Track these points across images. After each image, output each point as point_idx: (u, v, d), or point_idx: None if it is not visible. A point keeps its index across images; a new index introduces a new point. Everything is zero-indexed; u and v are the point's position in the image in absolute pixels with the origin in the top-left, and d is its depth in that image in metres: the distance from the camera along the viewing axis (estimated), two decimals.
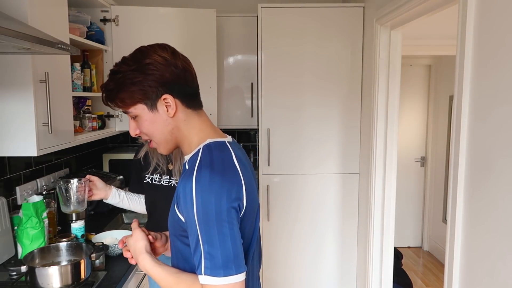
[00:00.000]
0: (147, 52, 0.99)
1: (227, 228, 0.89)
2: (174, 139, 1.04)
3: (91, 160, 2.78)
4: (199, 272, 0.89)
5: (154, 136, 1.04)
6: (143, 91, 0.97)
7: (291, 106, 2.63)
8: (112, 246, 1.84)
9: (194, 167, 0.94)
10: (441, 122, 4.28)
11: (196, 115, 1.05)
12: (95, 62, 2.35)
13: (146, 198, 1.80)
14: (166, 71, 0.97)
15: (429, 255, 4.46)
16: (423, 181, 4.57)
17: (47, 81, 1.53)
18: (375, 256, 2.46)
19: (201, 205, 0.88)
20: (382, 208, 2.40)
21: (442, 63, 4.26)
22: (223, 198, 0.89)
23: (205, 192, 0.89)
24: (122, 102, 1.00)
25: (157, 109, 0.99)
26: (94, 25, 2.27)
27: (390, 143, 2.34)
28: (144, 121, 1.01)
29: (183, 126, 1.03)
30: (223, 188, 0.91)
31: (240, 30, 2.79)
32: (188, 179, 0.91)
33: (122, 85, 0.98)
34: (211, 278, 0.87)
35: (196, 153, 1.00)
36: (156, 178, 1.72)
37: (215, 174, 0.91)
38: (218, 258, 0.87)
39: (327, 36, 2.59)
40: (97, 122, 2.27)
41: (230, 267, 0.88)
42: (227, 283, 0.87)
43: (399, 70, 2.31)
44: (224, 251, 0.88)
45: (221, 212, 0.89)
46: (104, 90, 1.01)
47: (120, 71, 0.98)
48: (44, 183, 2.12)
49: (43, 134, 1.56)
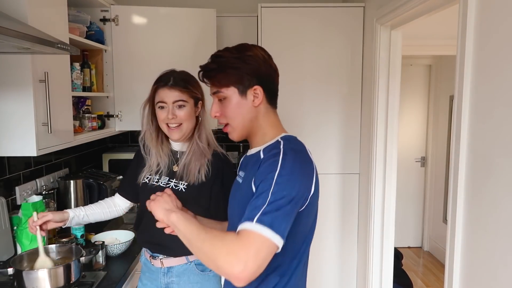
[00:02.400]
0: (250, 47, 1.14)
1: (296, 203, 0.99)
2: (250, 128, 1.15)
3: (91, 160, 2.78)
4: (251, 220, 0.93)
5: (234, 120, 1.14)
6: (240, 76, 1.10)
7: (291, 106, 2.63)
8: (112, 246, 1.84)
9: (278, 152, 1.04)
10: (442, 122, 4.28)
11: (272, 112, 1.19)
12: (94, 62, 2.35)
13: (143, 204, 1.62)
14: (263, 66, 1.12)
15: (429, 255, 4.46)
16: (423, 181, 4.57)
17: (47, 81, 1.53)
18: (375, 256, 2.46)
19: (285, 177, 0.98)
20: (382, 208, 2.40)
21: (443, 63, 4.26)
22: (302, 183, 1.01)
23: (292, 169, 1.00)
24: (218, 82, 1.12)
25: (245, 96, 1.11)
26: (94, 24, 2.27)
27: (390, 143, 2.34)
28: (231, 104, 1.12)
29: (261, 118, 1.15)
30: (306, 176, 1.04)
31: (240, 30, 2.79)
32: (274, 159, 1.02)
33: (223, 67, 1.10)
34: (263, 227, 0.92)
35: (274, 143, 1.11)
36: (155, 179, 1.61)
37: (300, 160, 1.05)
38: (275, 218, 0.94)
39: (327, 36, 2.58)
40: (97, 122, 2.27)
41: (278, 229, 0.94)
42: (270, 238, 0.92)
43: (399, 70, 2.31)
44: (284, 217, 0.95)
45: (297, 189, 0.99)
46: (204, 68, 1.14)
47: (223, 56, 1.12)
48: (43, 183, 2.12)
49: (43, 134, 1.56)
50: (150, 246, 1.63)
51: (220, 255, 0.92)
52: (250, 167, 1.13)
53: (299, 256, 1.12)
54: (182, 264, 1.59)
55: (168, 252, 1.59)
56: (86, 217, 1.63)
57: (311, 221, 1.12)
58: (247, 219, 0.95)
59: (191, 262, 1.60)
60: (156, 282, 1.61)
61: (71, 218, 1.56)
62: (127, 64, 2.43)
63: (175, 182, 1.58)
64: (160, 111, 1.54)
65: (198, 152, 1.56)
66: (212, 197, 1.57)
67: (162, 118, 1.53)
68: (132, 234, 1.95)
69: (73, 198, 2.13)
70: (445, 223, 4.11)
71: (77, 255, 1.50)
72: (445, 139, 4.18)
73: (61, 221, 1.53)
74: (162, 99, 1.52)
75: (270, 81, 1.16)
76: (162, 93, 1.53)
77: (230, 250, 0.92)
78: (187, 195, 1.53)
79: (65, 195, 2.13)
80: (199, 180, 1.54)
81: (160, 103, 1.53)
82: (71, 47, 1.40)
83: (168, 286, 1.60)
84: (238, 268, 0.89)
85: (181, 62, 1.80)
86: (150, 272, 1.64)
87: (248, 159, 1.20)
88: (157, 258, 1.60)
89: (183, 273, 1.59)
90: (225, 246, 0.93)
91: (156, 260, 1.60)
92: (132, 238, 1.93)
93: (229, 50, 1.13)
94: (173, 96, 1.51)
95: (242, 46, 1.14)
